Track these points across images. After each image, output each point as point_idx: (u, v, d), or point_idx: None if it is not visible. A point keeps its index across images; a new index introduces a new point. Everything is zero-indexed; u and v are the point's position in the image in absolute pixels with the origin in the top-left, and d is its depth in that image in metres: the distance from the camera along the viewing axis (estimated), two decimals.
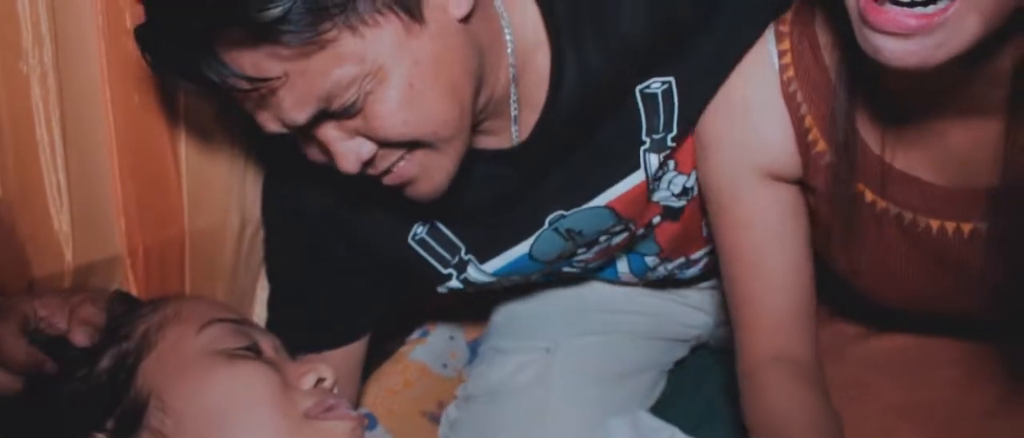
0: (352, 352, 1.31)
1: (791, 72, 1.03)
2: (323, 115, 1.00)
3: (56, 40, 1.07)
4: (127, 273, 1.21)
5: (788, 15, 1.05)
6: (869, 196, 1.03)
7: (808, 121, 1.03)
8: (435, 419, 1.49)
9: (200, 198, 1.24)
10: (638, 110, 1.15)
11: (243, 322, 1.06)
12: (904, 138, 1.00)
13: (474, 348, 1.59)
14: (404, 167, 1.05)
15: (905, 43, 0.80)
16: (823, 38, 1.01)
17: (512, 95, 1.12)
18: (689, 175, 1.23)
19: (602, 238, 1.29)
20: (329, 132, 1.02)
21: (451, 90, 1.02)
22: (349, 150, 1.02)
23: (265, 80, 0.95)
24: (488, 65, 1.07)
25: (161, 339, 1.02)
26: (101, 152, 1.16)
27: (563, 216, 1.23)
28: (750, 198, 1.08)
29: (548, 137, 1.15)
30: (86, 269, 1.17)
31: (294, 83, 0.96)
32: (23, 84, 1.07)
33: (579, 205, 1.23)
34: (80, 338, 1.01)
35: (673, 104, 1.15)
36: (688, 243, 1.35)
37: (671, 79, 1.13)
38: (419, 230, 1.25)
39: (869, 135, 1.01)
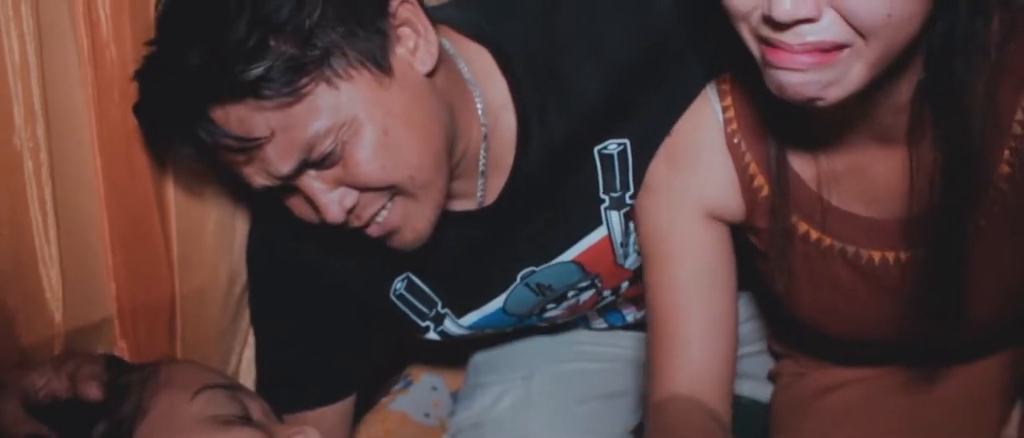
0: (339, 410, 1.35)
1: (734, 125, 1.11)
2: (305, 165, 1.07)
3: (48, 116, 1.10)
4: (117, 335, 1.24)
5: (727, 75, 1.12)
6: (813, 234, 1.10)
7: (752, 168, 1.11)
8: None
9: (189, 260, 1.27)
10: (596, 170, 1.23)
11: (233, 387, 1.09)
12: (836, 175, 1.08)
13: (457, 398, 1.61)
14: (388, 217, 1.12)
15: (802, 76, 0.89)
16: (759, 89, 1.06)
17: (481, 153, 1.18)
18: None
19: (570, 294, 1.36)
20: (312, 184, 1.09)
21: (423, 137, 1.09)
22: (332, 201, 1.09)
23: (253, 139, 1.04)
24: (459, 120, 1.15)
25: (154, 405, 1.04)
26: (92, 219, 1.19)
27: (533, 272, 1.30)
28: (687, 236, 1.13)
29: (516, 198, 1.22)
30: (77, 332, 1.19)
31: (278, 138, 1.04)
32: (16, 159, 1.10)
33: (548, 260, 1.29)
34: (93, 392, 1.03)
35: (628, 164, 1.22)
36: None
37: (626, 141, 1.21)
38: (399, 285, 1.31)
39: (806, 174, 1.09)
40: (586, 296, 1.37)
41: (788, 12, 0.85)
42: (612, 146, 1.21)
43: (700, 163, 1.13)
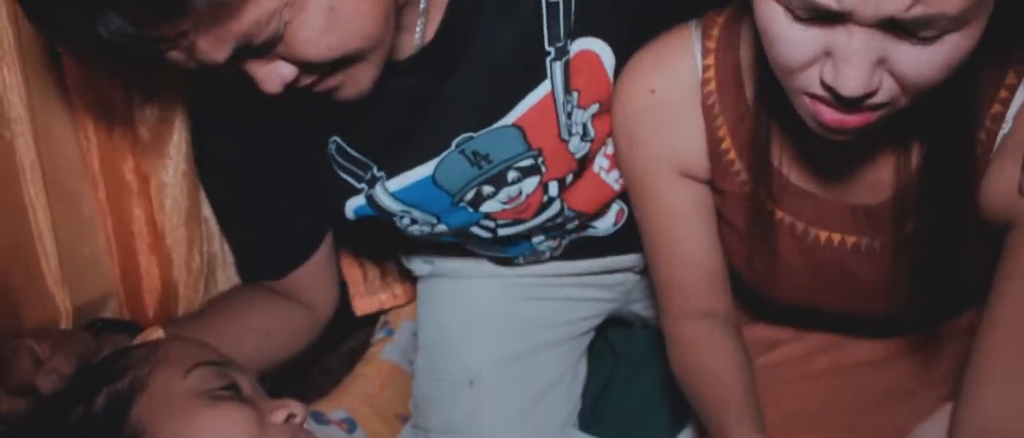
0: (317, 262, 1.37)
1: (712, 86, 1.11)
2: (244, 51, 0.96)
3: (32, 109, 1.16)
4: (120, 306, 1.32)
5: (714, 32, 1.11)
6: (768, 206, 1.13)
7: (722, 131, 1.12)
8: (405, 420, 1.55)
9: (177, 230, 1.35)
10: (541, 18, 1.17)
11: (224, 363, 1.15)
12: (801, 155, 1.10)
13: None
14: (330, 79, 1.04)
15: (847, 136, 0.93)
16: (745, 62, 1.09)
17: None
18: (586, 109, 1.24)
19: (511, 175, 1.27)
20: (249, 62, 0.98)
21: (374, 2, 1.00)
22: (271, 72, 0.99)
23: (174, 38, 0.90)
24: None
25: (152, 381, 1.10)
26: (84, 202, 1.26)
27: (471, 138, 1.22)
28: (667, 193, 1.18)
29: (455, 34, 1.15)
30: (80, 309, 1.27)
31: (206, 31, 0.91)
32: (8, 150, 1.16)
33: (487, 124, 1.22)
34: (45, 386, 1.09)
35: (571, 10, 1.17)
36: (597, 194, 1.36)
37: None
38: (331, 148, 1.25)
39: (773, 152, 1.11)
40: (530, 185, 1.29)
41: (857, 90, 0.85)
42: None
43: (675, 123, 1.14)
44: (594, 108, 1.25)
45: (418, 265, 1.56)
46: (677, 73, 1.13)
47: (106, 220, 1.27)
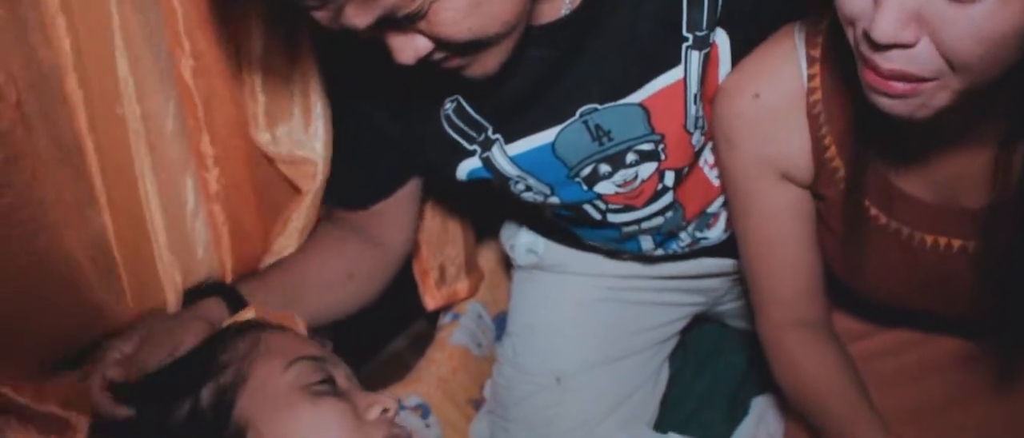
0: (402, 197, 1.41)
1: (817, 95, 1.12)
2: (385, 21, 1.00)
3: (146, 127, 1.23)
4: None
5: (819, 40, 1.12)
6: (874, 212, 1.15)
7: (827, 140, 1.14)
8: (477, 405, 1.60)
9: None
10: (681, 4, 1.17)
11: (322, 358, 1.19)
12: (908, 162, 1.11)
13: (499, 323, 1.67)
14: (459, 58, 1.08)
15: (894, 101, 0.94)
16: (849, 69, 1.07)
17: None
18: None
19: (629, 157, 1.28)
20: (388, 31, 1.03)
21: None
22: (407, 44, 1.03)
23: (323, 1, 0.96)
24: None
25: (252, 374, 1.14)
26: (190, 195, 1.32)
27: (596, 109, 1.23)
28: (766, 196, 1.20)
29: (597, 6, 1.16)
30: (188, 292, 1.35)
31: None
32: (134, 194, 1.24)
33: (614, 99, 1.22)
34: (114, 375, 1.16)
35: (718, 2, 1.17)
36: (704, 191, 1.38)
37: None
38: (449, 107, 1.26)
39: (879, 159, 1.12)
40: (646, 170, 1.29)
41: (887, 35, 0.87)
42: None
43: (778, 129, 1.16)
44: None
45: (522, 254, 1.58)
46: (782, 80, 1.15)
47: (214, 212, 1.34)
